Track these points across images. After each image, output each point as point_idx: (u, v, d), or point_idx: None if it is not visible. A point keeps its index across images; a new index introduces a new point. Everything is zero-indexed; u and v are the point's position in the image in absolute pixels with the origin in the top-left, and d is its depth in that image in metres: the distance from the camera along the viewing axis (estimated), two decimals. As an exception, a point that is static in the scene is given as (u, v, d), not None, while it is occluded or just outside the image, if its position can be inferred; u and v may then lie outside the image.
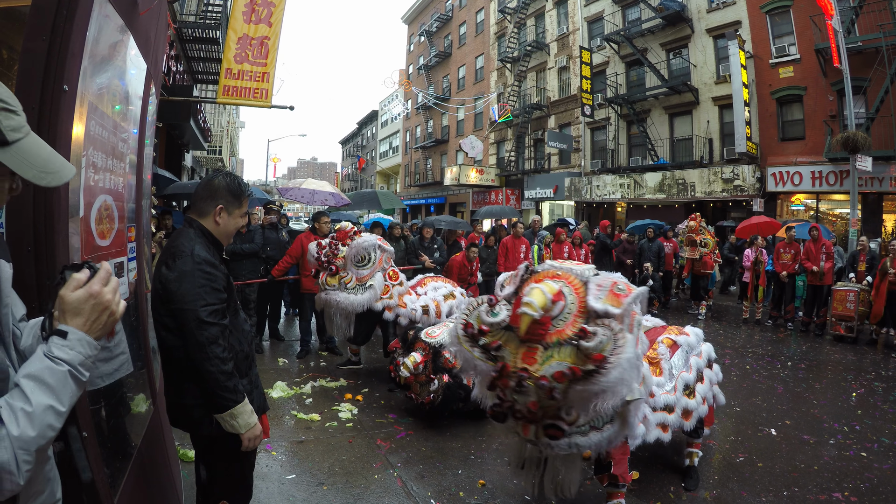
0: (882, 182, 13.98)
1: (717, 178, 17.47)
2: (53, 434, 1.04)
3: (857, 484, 3.81)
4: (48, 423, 1.02)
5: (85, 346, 1.11)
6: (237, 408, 2.04)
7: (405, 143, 41.09)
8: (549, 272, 2.51)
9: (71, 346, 1.09)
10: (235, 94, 8.13)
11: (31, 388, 1.03)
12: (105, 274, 1.19)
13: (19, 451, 0.98)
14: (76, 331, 1.11)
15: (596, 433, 2.39)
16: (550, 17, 25.36)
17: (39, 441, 1.01)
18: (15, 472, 0.97)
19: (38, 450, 1.01)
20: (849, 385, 6.29)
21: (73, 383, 1.08)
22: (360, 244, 5.63)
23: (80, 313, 1.13)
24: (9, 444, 0.97)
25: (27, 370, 1.06)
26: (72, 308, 1.13)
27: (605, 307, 2.28)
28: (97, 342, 1.15)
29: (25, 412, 1.00)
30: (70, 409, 1.08)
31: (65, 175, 1.12)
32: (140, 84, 2.43)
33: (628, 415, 2.42)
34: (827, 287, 9.05)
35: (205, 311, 2.00)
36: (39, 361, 1.06)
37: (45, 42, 1.51)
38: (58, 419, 1.04)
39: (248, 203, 2.33)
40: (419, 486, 3.61)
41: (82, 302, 1.14)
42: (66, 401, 1.06)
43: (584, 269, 2.52)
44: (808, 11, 14.97)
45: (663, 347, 3.61)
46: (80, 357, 1.10)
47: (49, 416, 1.02)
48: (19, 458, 0.98)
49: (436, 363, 4.50)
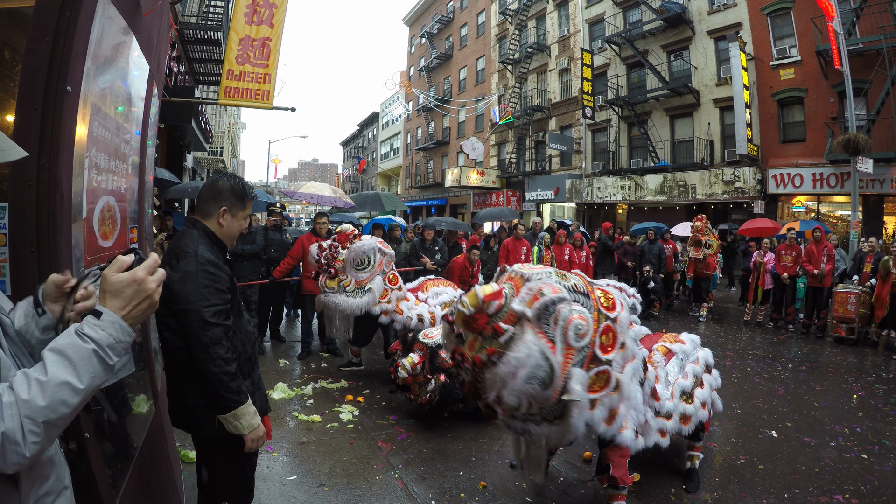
0: (883, 184, 13.98)
1: (718, 180, 17.47)
2: (67, 411, 1.02)
3: (858, 486, 3.80)
4: (61, 397, 1.00)
5: (117, 329, 1.10)
6: (240, 409, 2.04)
7: (406, 145, 41.11)
8: (511, 274, 2.76)
9: (103, 326, 1.08)
10: (237, 96, 8.14)
11: (52, 361, 1.02)
12: (153, 262, 1.20)
13: (26, 419, 0.96)
14: (111, 313, 1.11)
15: (546, 425, 2.63)
16: (551, 19, 25.39)
17: (49, 414, 0.99)
18: (21, 441, 0.96)
19: (46, 423, 0.99)
20: (850, 387, 6.28)
21: (98, 364, 1.06)
22: (359, 247, 5.63)
23: (120, 296, 1.13)
24: (16, 411, 0.96)
25: (54, 344, 1.05)
26: (112, 289, 1.13)
27: (522, 309, 2.52)
28: (132, 329, 1.14)
29: (39, 381, 0.99)
30: (90, 391, 1.06)
31: (10, 154, 1.08)
32: (143, 85, 2.44)
33: (568, 414, 2.58)
34: (827, 289, 9.05)
35: (208, 311, 2.00)
36: (67, 336, 1.06)
37: (48, 43, 1.51)
38: (73, 395, 1.02)
39: (251, 205, 2.33)
40: (420, 488, 3.61)
41: (125, 285, 1.14)
42: (85, 379, 1.04)
43: (536, 272, 2.71)
44: (809, 13, 14.99)
45: (658, 355, 3.65)
46: (110, 339, 1.08)
47: (64, 391, 1.01)
48: (26, 427, 0.96)
49: (433, 363, 4.54)
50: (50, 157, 1.49)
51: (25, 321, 1.28)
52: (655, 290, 10.58)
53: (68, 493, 1.23)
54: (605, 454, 3.05)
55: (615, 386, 2.71)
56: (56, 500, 1.18)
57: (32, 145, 1.47)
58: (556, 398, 2.53)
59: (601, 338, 2.69)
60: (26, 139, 1.46)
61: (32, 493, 1.11)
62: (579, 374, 2.57)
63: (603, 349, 2.69)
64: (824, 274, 8.98)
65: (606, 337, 2.72)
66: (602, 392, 2.69)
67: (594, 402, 2.67)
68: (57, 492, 1.18)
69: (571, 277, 2.79)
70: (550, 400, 2.53)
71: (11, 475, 1.03)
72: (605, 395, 2.70)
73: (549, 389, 2.50)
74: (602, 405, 2.70)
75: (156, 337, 2.52)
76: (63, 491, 1.21)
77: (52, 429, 1.01)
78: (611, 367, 2.71)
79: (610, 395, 2.71)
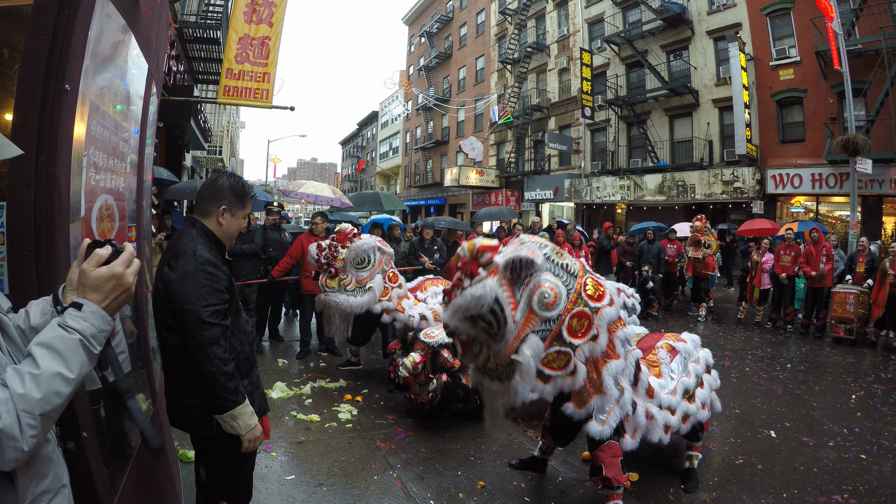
0: (882, 184, 14.00)
1: (717, 180, 17.48)
2: (60, 402, 1.04)
3: (857, 486, 3.81)
4: (55, 388, 1.03)
5: (99, 319, 1.13)
6: (238, 409, 2.04)
7: (405, 144, 41.11)
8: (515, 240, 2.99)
9: (85, 317, 1.11)
10: (236, 95, 8.14)
11: (41, 355, 1.04)
12: (129, 255, 1.21)
13: (23, 413, 0.98)
14: (91, 304, 1.13)
15: (497, 383, 2.79)
16: (551, 19, 25.38)
17: (45, 406, 1.01)
18: (18, 436, 0.97)
19: (42, 415, 1.01)
20: (848, 387, 6.29)
21: (84, 353, 1.09)
22: (359, 246, 5.63)
23: (99, 290, 1.16)
24: (12, 406, 0.97)
25: (39, 339, 1.07)
26: (92, 284, 1.15)
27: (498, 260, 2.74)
28: (111, 319, 1.17)
29: (32, 375, 1.01)
30: (79, 380, 1.08)
31: (6, 153, 1.10)
32: (141, 84, 2.43)
33: (513, 373, 2.72)
34: (827, 289, 9.05)
35: (206, 311, 2.00)
36: (52, 330, 1.08)
37: (46, 41, 1.50)
38: (66, 385, 1.05)
39: (251, 204, 2.33)
40: (419, 488, 3.61)
41: (104, 280, 1.16)
42: (74, 368, 1.06)
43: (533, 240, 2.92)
44: (809, 14, 14.99)
45: (663, 352, 3.67)
46: (93, 329, 1.11)
47: (57, 382, 1.03)
48: (23, 421, 0.97)
49: (434, 363, 4.51)
50: (48, 155, 1.49)
51: (43, 319, 1.28)
52: (654, 290, 10.59)
53: (66, 492, 1.23)
54: (596, 456, 3.06)
55: (572, 370, 2.80)
56: (54, 498, 1.17)
57: (30, 143, 1.46)
58: (508, 357, 2.67)
59: (573, 320, 2.76)
60: (24, 137, 1.45)
61: (30, 491, 1.11)
62: (535, 341, 2.69)
63: (571, 332, 2.76)
64: (824, 274, 8.98)
65: (579, 322, 2.78)
66: (558, 372, 2.79)
67: (548, 378, 2.78)
68: (55, 490, 1.18)
69: (568, 258, 2.89)
70: (503, 356, 2.68)
71: (8, 472, 1.03)
72: (560, 375, 2.80)
73: (500, 342, 2.65)
74: (554, 384, 2.80)
75: (154, 336, 2.52)
76: (61, 489, 1.20)
77: (47, 420, 1.03)
78: (573, 352, 2.78)
79: (565, 378, 2.81)
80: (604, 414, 2.96)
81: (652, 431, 3.24)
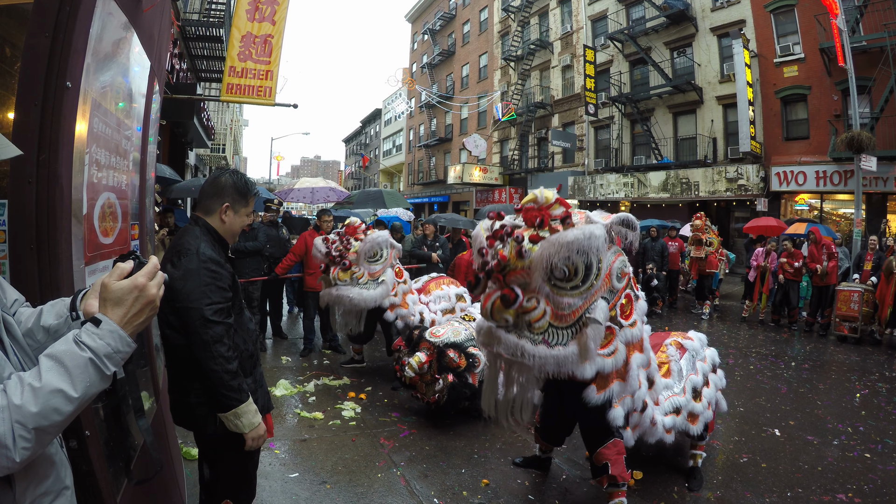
0: (886, 182, 13.93)
1: (721, 178, 17.42)
2: (59, 419, 1.00)
3: (861, 485, 3.79)
4: (54, 405, 0.98)
5: (116, 338, 1.08)
6: (241, 407, 2.03)
7: (408, 142, 41.07)
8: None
9: (101, 335, 1.06)
10: (239, 93, 8.13)
11: (47, 367, 1.01)
12: (152, 268, 1.17)
13: (17, 424, 0.94)
14: (110, 322, 1.08)
15: (544, 347, 2.54)
16: (554, 16, 25.31)
17: (40, 421, 0.97)
18: (10, 446, 0.94)
19: (37, 429, 0.97)
20: (853, 386, 6.26)
21: (94, 373, 1.04)
22: (374, 239, 5.59)
23: (122, 304, 1.11)
24: (7, 415, 0.94)
25: (51, 350, 1.03)
26: (113, 298, 1.11)
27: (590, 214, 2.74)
28: (131, 339, 1.12)
29: (32, 387, 0.98)
30: (86, 399, 1.03)
31: (5, 153, 1.07)
32: (143, 81, 2.43)
33: (586, 339, 2.55)
34: (831, 287, 9.01)
35: (209, 309, 1.99)
36: (65, 343, 1.04)
37: (48, 39, 1.50)
38: (67, 404, 1.00)
39: (254, 202, 2.32)
40: (422, 485, 3.60)
41: (126, 293, 1.12)
42: (79, 388, 1.01)
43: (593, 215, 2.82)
44: (813, 10, 14.90)
45: (672, 349, 3.64)
46: (108, 349, 1.06)
47: (57, 398, 0.98)
48: (16, 432, 0.94)
49: (440, 363, 4.48)
50: (49, 153, 1.48)
51: (57, 322, 1.26)
52: (658, 288, 10.56)
53: (69, 494, 1.20)
54: (600, 454, 3.02)
55: (613, 351, 2.72)
56: (55, 500, 1.15)
57: (32, 141, 1.46)
58: (576, 316, 2.56)
59: (624, 300, 2.75)
60: (26, 135, 1.45)
61: (29, 493, 1.09)
62: (603, 307, 2.60)
63: (622, 311, 2.74)
64: (827, 271, 8.93)
65: (627, 303, 2.77)
66: (604, 349, 2.69)
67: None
68: (56, 492, 1.15)
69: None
70: (572, 314, 2.55)
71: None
72: (604, 354, 2.69)
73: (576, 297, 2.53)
74: (594, 363, 2.66)
75: (157, 334, 2.52)
76: (63, 491, 1.18)
77: (43, 435, 0.99)
78: (618, 332, 2.73)
79: (605, 358, 2.69)
80: (617, 399, 2.91)
81: (651, 435, 3.23)
